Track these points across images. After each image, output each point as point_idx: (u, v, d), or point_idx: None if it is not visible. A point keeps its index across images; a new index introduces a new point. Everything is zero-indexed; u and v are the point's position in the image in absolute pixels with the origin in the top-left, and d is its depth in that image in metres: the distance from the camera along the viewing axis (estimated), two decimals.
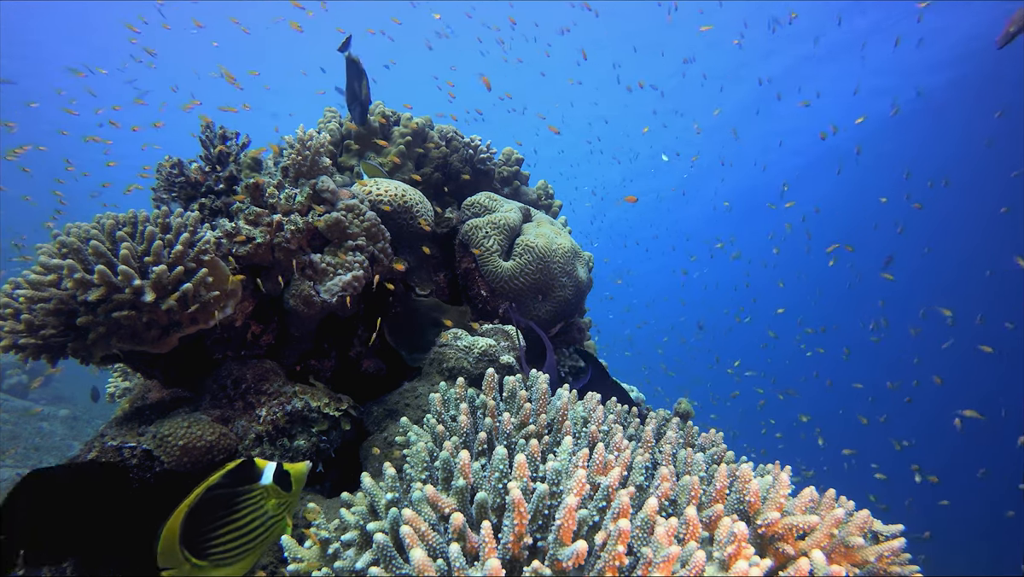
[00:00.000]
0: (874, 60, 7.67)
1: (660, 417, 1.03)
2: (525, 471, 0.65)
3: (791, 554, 0.64)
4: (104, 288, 0.96)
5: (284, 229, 1.28)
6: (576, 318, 1.96)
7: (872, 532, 0.76)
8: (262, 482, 0.72)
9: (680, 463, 0.82)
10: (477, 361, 1.38)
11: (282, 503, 0.73)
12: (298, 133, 1.35)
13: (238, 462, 0.71)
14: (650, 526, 0.60)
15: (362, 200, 1.42)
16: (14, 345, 0.97)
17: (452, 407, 0.94)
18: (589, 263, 1.95)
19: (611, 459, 0.73)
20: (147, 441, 1.07)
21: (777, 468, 0.88)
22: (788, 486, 0.67)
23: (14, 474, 3.43)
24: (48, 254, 1.01)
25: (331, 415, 1.23)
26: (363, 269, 1.34)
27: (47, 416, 4.57)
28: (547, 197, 2.22)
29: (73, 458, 1.17)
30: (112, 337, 1.01)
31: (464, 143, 1.93)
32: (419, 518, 0.62)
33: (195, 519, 0.68)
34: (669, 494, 0.71)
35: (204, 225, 1.20)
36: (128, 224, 1.09)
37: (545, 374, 0.93)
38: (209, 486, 0.68)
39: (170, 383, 1.25)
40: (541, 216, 1.94)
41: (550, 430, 0.85)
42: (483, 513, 0.65)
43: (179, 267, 1.04)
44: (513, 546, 0.58)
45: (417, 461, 0.80)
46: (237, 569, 0.71)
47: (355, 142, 1.79)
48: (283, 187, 1.34)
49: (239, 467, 0.71)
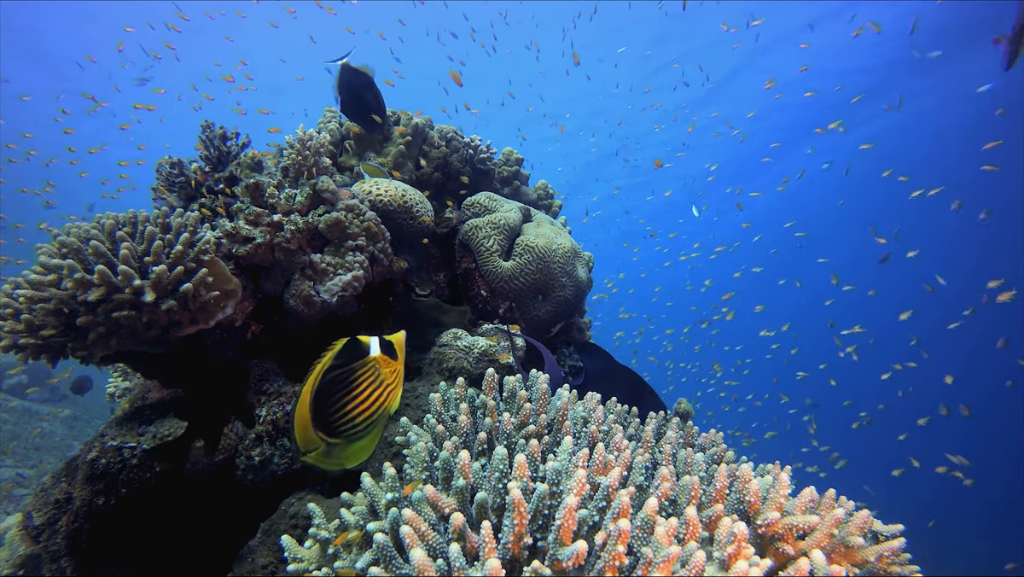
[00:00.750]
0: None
1: (660, 417, 1.03)
2: (525, 471, 0.65)
3: (791, 554, 0.64)
4: (104, 288, 0.96)
5: (284, 229, 1.28)
6: (576, 318, 1.96)
7: (872, 532, 0.76)
8: (371, 355, 0.75)
9: (680, 463, 0.82)
10: (477, 361, 1.38)
11: (393, 371, 0.76)
12: (298, 133, 1.35)
13: (344, 341, 0.74)
14: (650, 526, 0.60)
15: (362, 200, 1.42)
16: (14, 345, 0.97)
17: (452, 407, 0.94)
18: (589, 263, 1.95)
19: (611, 459, 0.73)
20: (147, 441, 1.07)
21: (777, 468, 0.88)
22: (788, 486, 0.67)
23: (14, 474, 3.43)
24: (48, 254, 1.01)
25: None
26: (363, 269, 1.34)
27: (47, 416, 4.57)
28: (547, 197, 2.22)
29: (73, 458, 1.17)
30: (112, 337, 1.01)
31: (464, 143, 1.93)
32: (419, 518, 0.62)
33: (320, 401, 0.71)
34: (669, 494, 0.71)
35: (204, 225, 1.20)
36: (128, 224, 1.09)
37: (545, 374, 0.93)
38: (325, 369, 0.72)
39: (170, 383, 1.25)
40: (541, 216, 1.94)
41: (550, 430, 0.85)
42: (483, 513, 0.65)
43: (179, 267, 1.04)
44: (513, 546, 0.58)
45: (417, 461, 0.80)
46: (369, 441, 0.75)
47: (355, 142, 1.79)
48: (283, 187, 1.34)
49: (346, 346, 0.74)
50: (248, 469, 1.13)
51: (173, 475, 1.07)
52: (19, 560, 1.52)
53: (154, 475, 1.05)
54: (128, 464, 1.04)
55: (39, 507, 1.22)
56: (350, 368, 0.73)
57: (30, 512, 1.23)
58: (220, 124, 1.37)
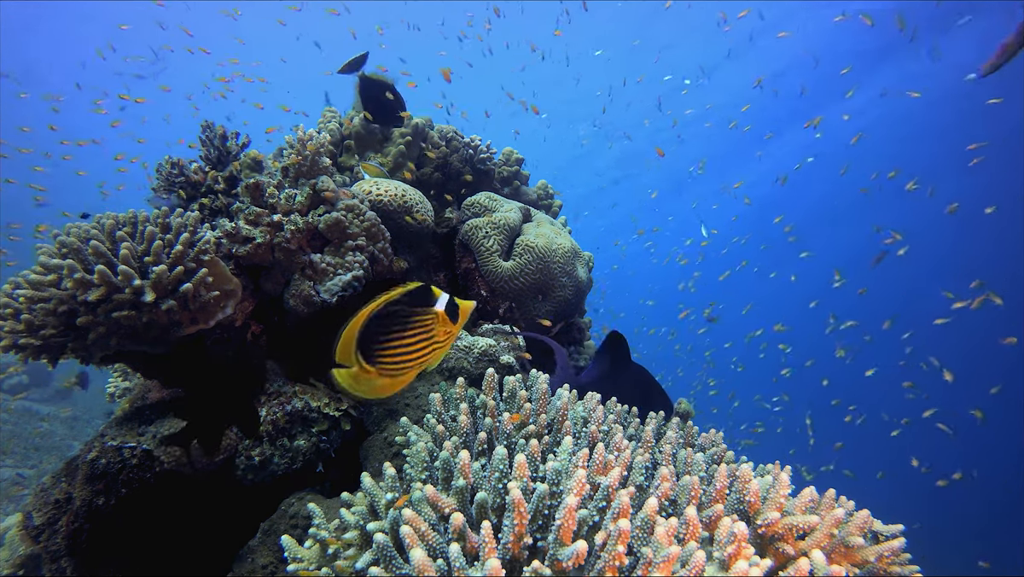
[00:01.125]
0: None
1: (660, 417, 1.03)
2: (525, 471, 0.65)
3: (791, 554, 0.64)
4: (104, 288, 0.96)
5: (284, 229, 1.28)
6: (576, 318, 1.96)
7: (872, 532, 0.76)
8: (435, 308, 0.76)
9: (680, 463, 0.82)
10: (477, 361, 1.38)
11: (447, 332, 0.77)
12: (298, 133, 1.35)
13: (417, 284, 0.76)
14: (650, 526, 0.60)
15: (362, 200, 1.42)
16: (14, 345, 0.97)
17: (452, 407, 0.94)
18: (589, 263, 1.95)
19: (611, 459, 0.73)
20: (147, 441, 1.07)
21: (777, 468, 0.88)
22: (788, 486, 0.67)
23: (14, 474, 3.43)
24: (48, 254, 1.01)
25: (331, 415, 1.22)
26: (363, 269, 1.34)
27: (47, 416, 4.57)
28: (547, 197, 2.22)
29: (73, 458, 1.17)
30: (112, 337, 1.01)
31: (464, 143, 1.93)
32: (419, 518, 0.62)
33: (371, 327, 0.72)
34: (669, 494, 0.71)
35: (204, 225, 1.20)
36: (128, 224, 1.09)
37: (545, 374, 0.93)
38: (390, 300, 0.73)
39: (170, 383, 1.25)
40: (541, 216, 1.94)
41: (550, 430, 0.85)
42: (483, 513, 0.65)
43: (179, 267, 1.04)
44: (513, 546, 0.58)
45: (417, 461, 0.80)
46: (395, 383, 0.76)
47: (355, 142, 1.79)
48: (283, 187, 1.34)
49: (418, 290, 0.75)
50: (248, 469, 1.13)
51: (173, 475, 1.07)
52: (19, 560, 1.52)
53: (154, 475, 1.05)
54: (128, 464, 1.04)
55: (39, 507, 1.22)
56: (411, 310, 0.74)
57: (30, 512, 1.23)
58: (220, 124, 1.38)
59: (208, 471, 1.10)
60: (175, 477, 1.07)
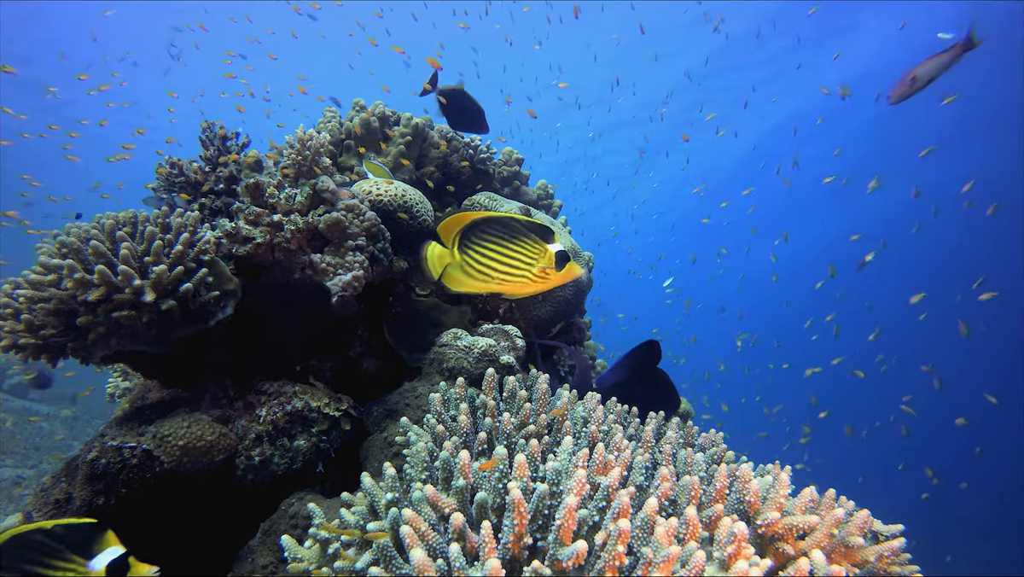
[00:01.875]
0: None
1: (660, 417, 1.03)
2: (525, 471, 0.65)
3: (791, 554, 0.64)
4: (104, 288, 0.96)
5: (284, 229, 1.28)
6: (576, 318, 1.96)
7: (872, 532, 0.76)
8: (548, 248, 0.80)
9: (680, 463, 0.82)
10: (477, 361, 1.38)
11: (544, 272, 0.82)
12: (298, 133, 1.35)
13: (541, 223, 0.80)
14: (650, 526, 0.60)
15: (362, 200, 1.42)
16: (14, 345, 0.97)
17: (452, 407, 0.94)
18: (589, 263, 1.95)
19: (611, 459, 0.73)
20: (147, 441, 1.07)
21: (777, 468, 0.88)
22: (788, 486, 0.67)
23: (14, 474, 3.43)
24: (48, 254, 1.01)
25: (331, 415, 1.22)
26: (363, 269, 1.34)
27: (47, 416, 4.57)
28: (547, 197, 2.22)
29: (73, 458, 1.17)
30: (112, 337, 1.01)
31: (464, 143, 1.93)
32: (419, 518, 0.62)
33: (482, 223, 0.77)
34: (669, 494, 0.71)
35: (204, 225, 1.20)
36: (128, 224, 1.09)
37: (545, 374, 0.93)
38: (512, 217, 0.78)
39: (170, 383, 1.25)
40: (541, 216, 1.94)
41: (550, 430, 0.85)
42: (483, 513, 0.65)
43: (179, 267, 1.04)
44: (513, 546, 0.58)
45: (417, 461, 0.80)
46: (467, 283, 0.79)
47: (355, 142, 1.79)
48: (283, 187, 1.34)
49: (539, 226, 0.80)
50: (248, 469, 1.13)
51: (173, 475, 1.07)
52: None
53: (154, 475, 1.05)
54: (128, 464, 1.04)
55: (39, 507, 1.21)
56: (526, 235, 0.76)
57: (30, 512, 1.23)
58: (220, 123, 1.38)
59: (208, 471, 1.10)
60: (175, 477, 1.07)
